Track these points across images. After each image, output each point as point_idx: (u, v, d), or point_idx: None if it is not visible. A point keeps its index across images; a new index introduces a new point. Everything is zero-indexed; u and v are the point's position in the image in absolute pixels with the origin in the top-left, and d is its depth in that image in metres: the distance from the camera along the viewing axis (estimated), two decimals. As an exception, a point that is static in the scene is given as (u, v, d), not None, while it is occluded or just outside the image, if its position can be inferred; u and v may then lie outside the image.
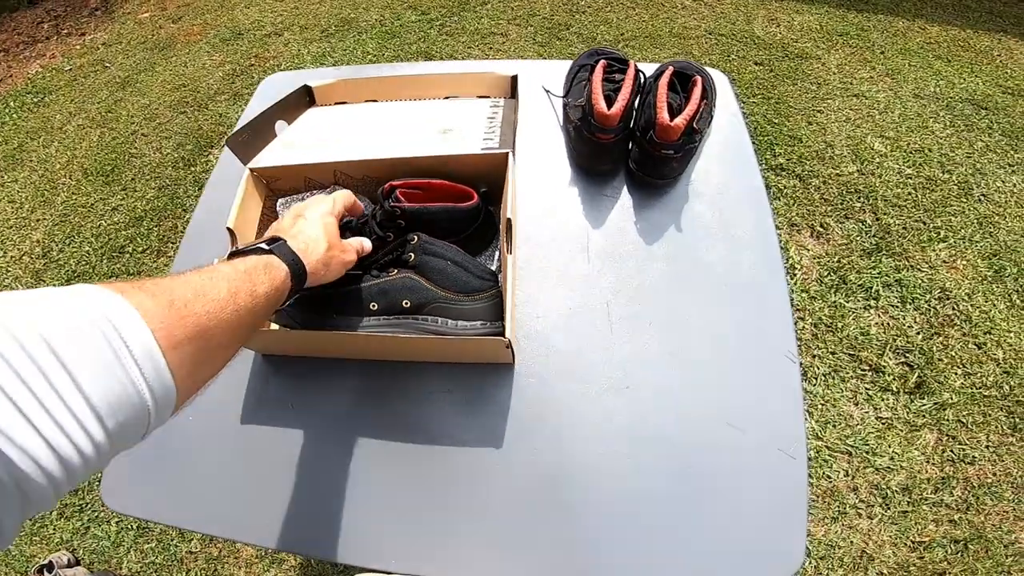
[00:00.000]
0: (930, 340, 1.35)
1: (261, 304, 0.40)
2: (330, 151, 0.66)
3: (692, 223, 0.74)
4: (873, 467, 1.19)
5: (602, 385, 0.62)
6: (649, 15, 2.34)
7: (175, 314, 0.31)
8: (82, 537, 1.32)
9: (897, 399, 1.27)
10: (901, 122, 1.84)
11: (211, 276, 0.37)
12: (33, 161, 2.21)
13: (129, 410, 0.27)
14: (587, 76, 0.75)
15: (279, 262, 0.44)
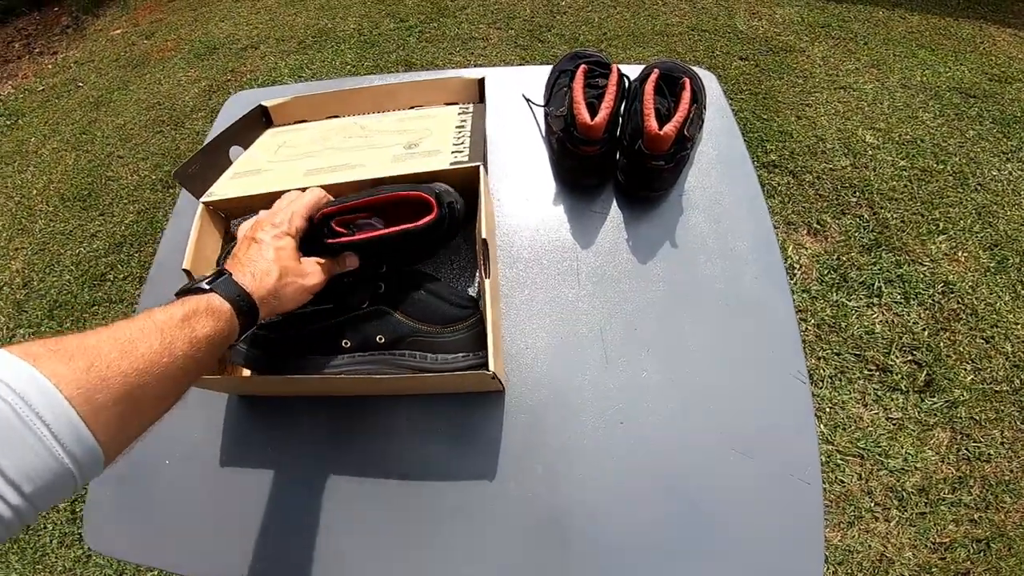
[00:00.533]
0: (936, 336, 1.32)
1: (204, 349, 0.38)
2: (289, 177, 0.61)
3: (688, 237, 0.69)
4: (887, 469, 1.17)
5: (598, 417, 0.58)
6: (631, 13, 2.30)
7: (95, 377, 0.31)
8: (84, 566, 1.29)
9: (907, 399, 1.24)
10: (891, 113, 1.81)
11: (142, 328, 0.35)
12: (8, 187, 2.15)
13: (49, 476, 0.28)
14: (568, 83, 0.71)
15: (220, 301, 0.41)
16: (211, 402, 0.64)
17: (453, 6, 2.49)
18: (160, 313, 0.37)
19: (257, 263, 0.46)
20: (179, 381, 0.37)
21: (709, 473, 0.54)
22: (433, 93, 0.72)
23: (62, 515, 1.35)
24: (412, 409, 0.61)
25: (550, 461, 0.56)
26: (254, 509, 0.58)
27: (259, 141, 0.71)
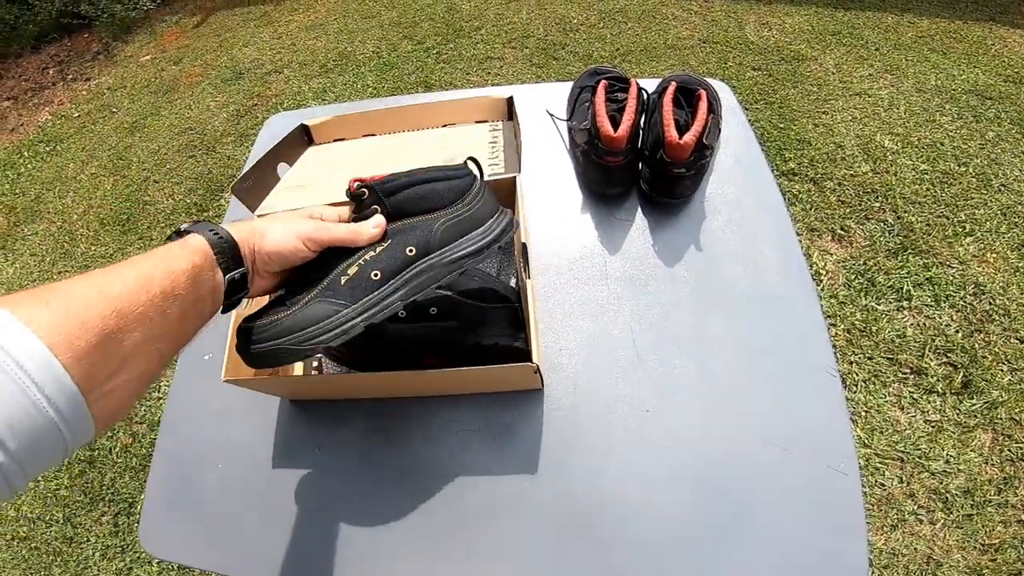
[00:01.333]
0: (971, 338, 1.30)
1: (183, 286, 0.36)
2: (334, 190, 0.65)
3: (711, 240, 0.72)
4: (928, 472, 1.15)
5: (633, 414, 0.60)
6: (642, 28, 2.35)
7: (74, 319, 0.29)
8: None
9: (944, 400, 1.22)
10: (908, 118, 1.81)
11: (118, 269, 0.34)
12: (51, 212, 2.25)
13: (33, 430, 0.26)
14: (589, 97, 0.74)
15: (195, 236, 0.39)
16: (263, 406, 0.68)
17: (468, 27, 2.56)
18: (136, 256, 0.36)
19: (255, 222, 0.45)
20: (163, 322, 0.34)
21: (744, 468, 0.55)
22: (464, 112, 0.76)
23: (104, 528, 1.39)
24: (452, 409, 0.63)
25: (587, 458, 0.58)
26: (302, 510, 0.61)
27: (303, 158, 0.76)
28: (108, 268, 0.33)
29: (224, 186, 2.12)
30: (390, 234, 0.47)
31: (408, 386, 0.62)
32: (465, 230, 0.49)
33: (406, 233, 0.47)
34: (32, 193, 2.36)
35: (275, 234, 0.43)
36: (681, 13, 2.40)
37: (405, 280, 0.47)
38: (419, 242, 0.47)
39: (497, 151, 0.66)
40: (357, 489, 0.61)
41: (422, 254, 0.47)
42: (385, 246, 0.47)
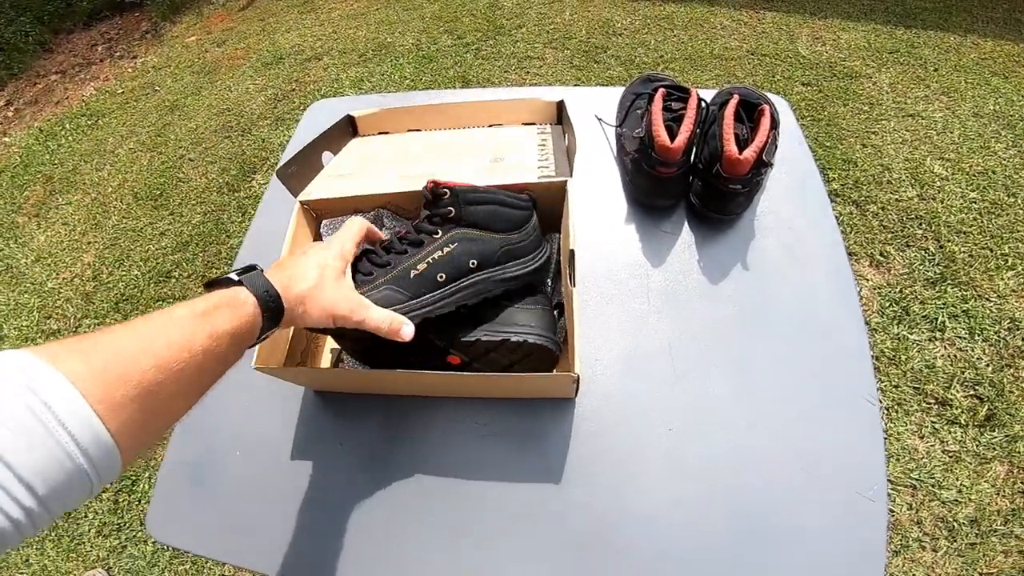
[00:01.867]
0: (1000, 372, 1.27)
1: (225, 344, 0.37)
2: (380, 182, 0.64)
3: (759, 260, 0.70)
4: (939, 500, 1.14)
5: (665, 429, 0.59)
6: (688, 36, 2.30)
7: (112, 375, 0.30)
8: (118, 556, 1.32)
9: (965, 432, 1.21)
10: (961, 143, 1.75)
11: (161, 323, 0.34)
12: (86, 184, 2.29)
13: (63, 477, 0.27)
14: (644, 105, 0.72)
15: (247, 295, 0.40)
16: (287, 396, 0.67)
17: (509, 25, 2.54)
18: (181, 308, 0.36)
19: (297, 267, 0.45)
20: (200, 377, 0.35)
21: (773, 489, 0.54)
22: (511, 113, 0.74)
23: (104, 504, 1.40)
24: (480, 412, 0.62)
25: (614, 472, 0.57)
26: (319, 505, 0.60)
27: (347, 148, 0.75)
28: (153, 319, 0.35)
29: (256, 168, 2.14)
30: (456, 239, 0.53)
31: (440, 386, 0.61)
32: (517, 255, 0.55)
33: (472, 243, 0.53)
34: (70, 164, 2.40)
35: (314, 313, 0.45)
36: (730, 23, 2.35)
37: (463, 287, 0.53)
38: (482, 256, 0.53)
39: (547, 153, 0.64)
40: (377, 487, 0.60)
41: (482, 267, 0.53)
42: (451, 249, 0.52)
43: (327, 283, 0.46)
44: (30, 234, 2.14)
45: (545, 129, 0.72)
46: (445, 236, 0.53)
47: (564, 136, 0.67)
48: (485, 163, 0.64)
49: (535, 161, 0.63)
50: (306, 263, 0.46)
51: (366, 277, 0.52)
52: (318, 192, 0.65)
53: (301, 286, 0.44)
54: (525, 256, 0.56)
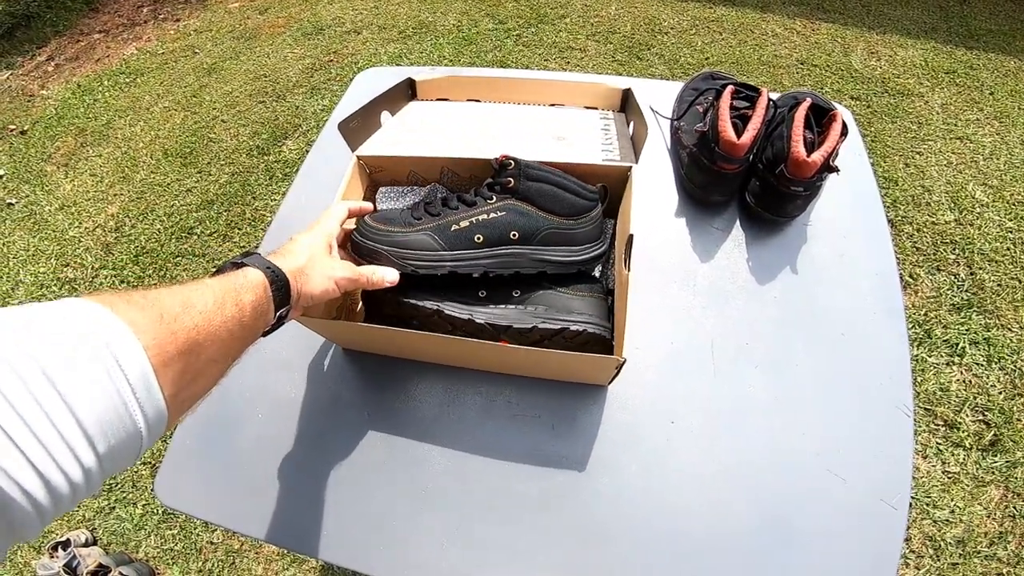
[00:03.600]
0: (1012, 400, 1.27)
1: (248, 314, 0.38)
2: (438, 146, 0.64)
3: (809, 265, 0.69)
4: (931, 519, 1.16)
5: (700, 424, 0.58)
6: (737, 40, 2.26)
7: (165, 328, 0.30)
8: (105, 517, 1.32)
9: (968, 455, 1.22)
10: (1007, 170, 1.71)
11: (197, 288, 0.35)
12: (118, 138, 2.30)
13: (122, 435, 0.27)
14: (708, 102, 0.70)
15: (255, 272, 0.42)
16: (315, 360, 0.66)
17: (553, 14, 2.51)
18: (208, 278, 0.38)
19: (288, 248, 0.48)
20: (231, 343, 0.36)
21: (800, 490, 0.54)
22: (575, 95, 0.73)
23: None
24: (514, 392, 0.61)
25: (643, 462, 0.57)
26: (340, 477, 0.58)
27: (406, 109, 0.74)
28: (187, 285, 0.35)
29: (288, 133, 2.14)
30: (506, 208, 0.53)
31: (480, 359, 0.60)
32: (565, 241, 0.56)
33: (519, 216, 0.53)
34: (104, 118, 2.41)
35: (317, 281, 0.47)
36: (782, 31, 2.31)
37: (496, 254, 0.54)
38: (524, 231, 0.54)
39: (611, 138, 0.63)
40: (400, 461, 0.59)
41: (522, 241, 0.54)
42: (499, 215, 0.53)
43: (319, 256, 0.48)
44: (57, 182, 2.15)
45: (608, 115, 0.70)
46: (497, 203, 0.53)
47: (628, 123, 0.66)
48: (548, 140, 0.63)
49: (599, 144, 0.62)
50: (296, 245, 0.48)
51: (415, 220, 0.54)
52: (375, 149, 0.64)
53: (297, 261, 0.46)
54: (576, 244, 0.56)
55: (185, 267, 1.77)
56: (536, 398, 0.61)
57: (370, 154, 0.63)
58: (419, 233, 0.53)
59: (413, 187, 0.66)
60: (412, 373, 0.64)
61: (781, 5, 2.47)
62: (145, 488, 1.35)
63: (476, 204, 0.54)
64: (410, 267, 0.52)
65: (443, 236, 0.53)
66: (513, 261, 0.54)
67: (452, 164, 0.63)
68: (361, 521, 0.56)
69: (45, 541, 1.26)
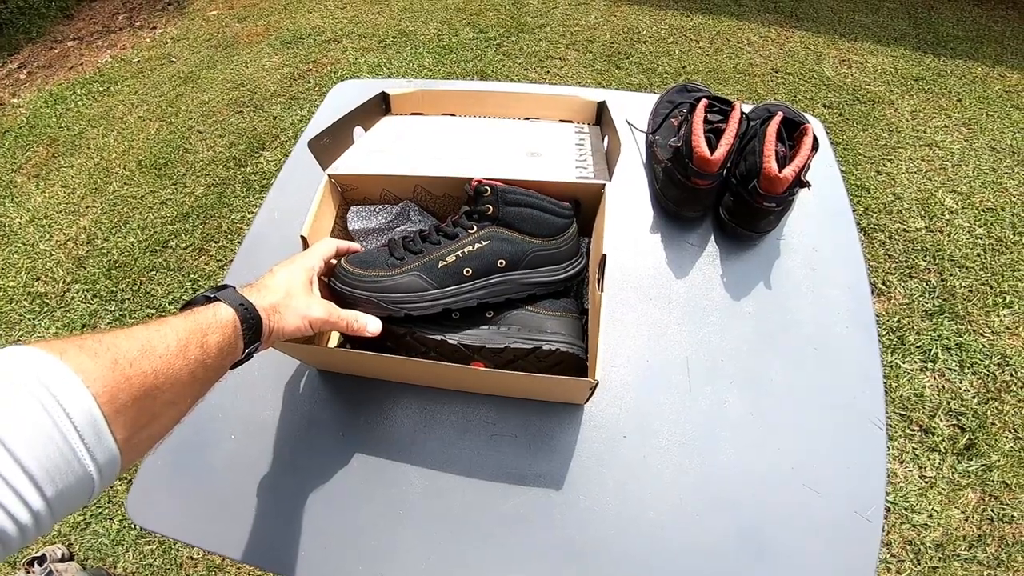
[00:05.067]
0: (985, 405, 1.31)
1: (213, 355, 0.38)
2: (411, 164, 0.63)
3: (782, 280, 0.69)
4: (910, 523, 1.18)
5: (675, 439, 0.59)
6: (714, 49, 2.30)
7: (119, 374, 0.30)
8: (81, 532, 1.29)
9: (944, 459, 1.24)
10: (975, 176, 1.76)
11: (159, 329, 0.35)
12: (91, 148, 2.25)
13: (71, 478, 0.27)
14: (683, 115, 0.71)
15: (226, 309, 0.41)
16: (290, 381, 0.65)
17: (533, 23, 2.53)
18: (174, 318, 0.37)
19: (265, 283, 0.47)
20: (192, 386, 0.36)
21: (776, 506, 0.55)
22: (549, 108, 0.73)
23: None
24: (491, 411, 0.61)
25: (620, 478, 0.57)
26: (316, 498, 0.58)
27: (379, 125, 0.73)
28: (149, 326, 0.35)
29: (265, 144, 2.11)
30: (490, 236, 0.54)
31: (456, 380, 0.60)
32: (548, 262, 0.56)
33: (504, 244, 0.54)
34: (76, 128, 2.36)
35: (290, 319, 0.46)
36: (758, 39, 2.35)
37: (487, 284, 0.54)
38: (511, 258, 0.54)
39: (585, 154, 0.63)
40: (376, 481, 0.58)
41: (510, 268, 0.54)
42: (484, 245, 0.53)
43: (297, 293, 0.47)
44: (27, 194, 2.09)
45: (583, 129, 0.70)
46: (480, 232, 0.53)
47: (603, 138, 0.66)
48: (521, 156, 0.63)
49: (573, 160, 0.62)
50: (274, 279, 0.48)
51: (398, 261, 0.53)
52: (347, 167, 0.63)
53: (272, 298, 0.45)
54: (559, 263, 0.57)
55: (159, 281, 1.73)
56: (513, 417, 0.61)
57: (342, 172, 0.62)
58: (407, 275, 0.52)
59: (384, 205, 0.65)
60: (388, 393, 0.63)
61: (756, 13, 2.51)
62: (121, 503, 1.32)
63: (458, 236, 0.54)
64: (403, 311, 0.52)
65: (431, 274, 0.52)
66: (504, 288, 0.55)
67: (425, 183, 0.62)
68: (337, 540, 0.55)
69: (20, 557, 1.22)
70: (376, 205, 0.65)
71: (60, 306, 1.70)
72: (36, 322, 1.66)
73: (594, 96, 0.70)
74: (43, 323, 1.66)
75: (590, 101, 0.70)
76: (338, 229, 0.64)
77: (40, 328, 1.64)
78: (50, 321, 1.66)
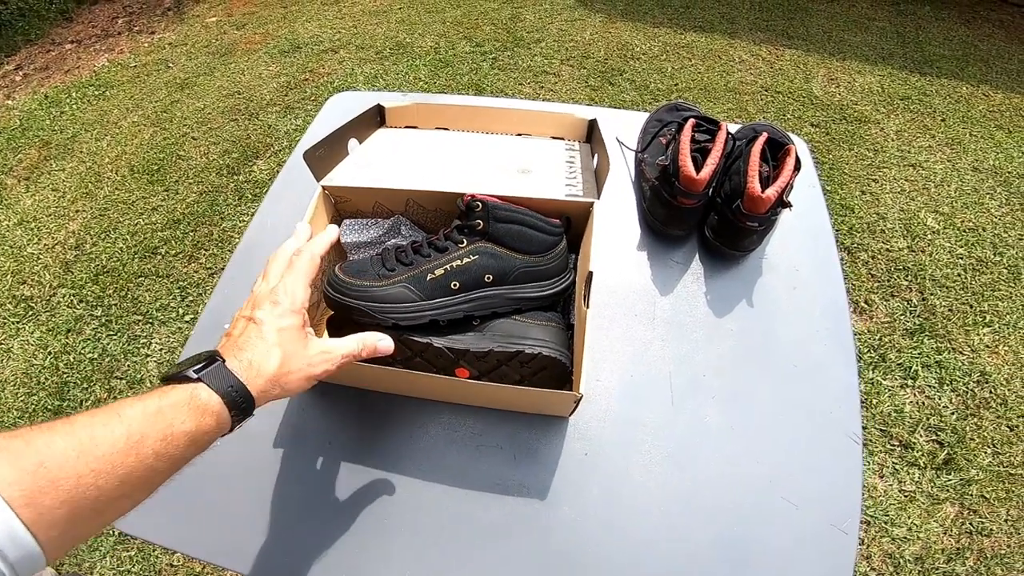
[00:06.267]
0: (964, 421, 1.34)
1: (181, 446, 0.35)
2: (404, 177, 0.64)
3: (764, 298, 0.71)
4: (890, 537, 1.19)
5: (658, 452, 0.60)
6: (705, 67, 2.34)
7: (43, 479, 0.29)
8: None
9: (923, 474, 1.27)
10: (957, 197, 1.80)
11: (107, 422, 0.32)
12: (83, 152, 2.25)
13: None
14: (671, 134, 0.73)
15: (208, 393, 0.37)
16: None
17: (529, 38, 2.56)
18: (131, 406, 0.34)
19: (256, 347, 0.41)
20: (150, 478, 0.33)
21: (755, 518, 0.56)
22: (541, 125, 0.75)
23: None
24: (476, 423, 0.62)
25: (603, 490, 0.58)
26: (301, 505, 0.58)
27: (373, 137, 0.75)
28: (97, 417, 0.32)
29: (259, 153, 2.11)
30: (478, 251, 0.55)
31: (442, 391, 0.61)
32: (536, 278, 0.58)
33: (492, 259, 0.56)
34: (70, 132, 2.36)
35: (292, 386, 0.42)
36: (748, 57, 2.40)
37: (473, 298, 0.55)
38: (498, 273, 0.56)
39: (575, 172, 0.65)
40: (362, 490, 0.59)
41: (496, 283, 0.56)
42: (472, 260, 0.55)
43: (294, 351, 0.42)
44: (16, 197, 2.08)
45: (573, 146, 0.72)
46: (468, 247, 0.54)
47: (593, 156, 0.68)
48: (512, 173, 0.65)
49: (563, 178, 0.63)
50: (262, 338, 0.41)
51: (388, 272, 0.54)
52: (341, 179, 0.64)
53: (268, 368, 0.40)
54: (545, 279, 0.58)
55: (148, 287, 1.72)
56: (498, 428, 0.61)
57: (336, 184, 0.63)
58: (396, 286, 0.53)
59: (377, 219, 0.66)
60: (376, 403, 0.64)
61: (748, 31, 2.57)
62: None
63: (448, 249, 0.55)
64: (391, 321, 0.53)
65: (420, 286, 0.54)
66: (490, 303, 0.56)
67: (418, 196, 0.63)
68: (322, 549, 0.55)
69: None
70: (368, 219, 0.66)
71: (46, 310, 1.69)
72: (20, 325, 1.65)
73: (585, 114, 0.72)
74: (28, 327, 1.64)
75: (581, 119, 0.72)
76: (330, 242, 0.65)
77: (24, 332, 1.63)
78: (35, 325, 1.64)
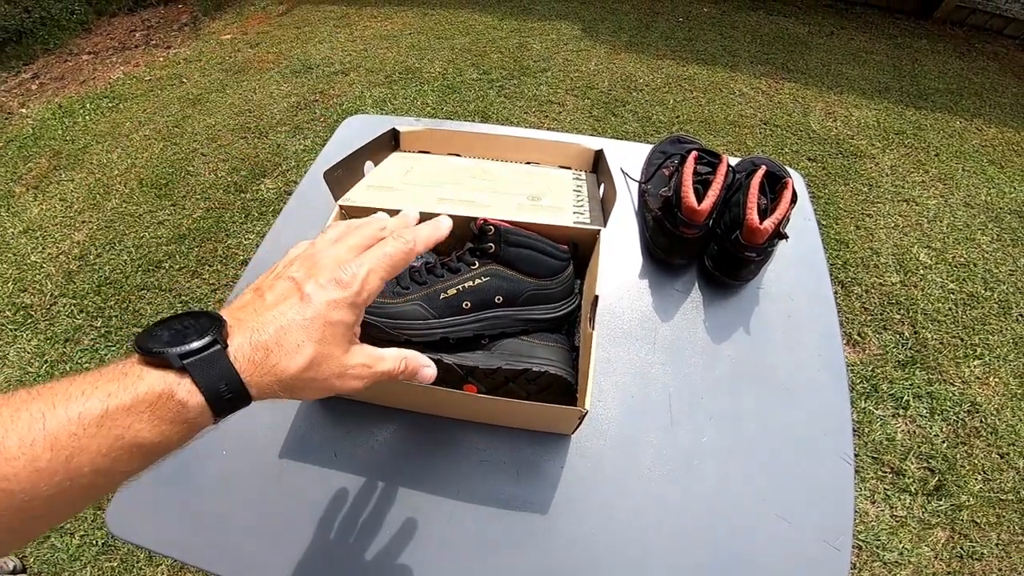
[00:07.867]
0: (955, 449, 1.37)
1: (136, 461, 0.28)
2: (418, 201, 0.67)
3: (760, 326, 0.74)
4: (881, 561, 1.21)
5: (656, 470, 0.62)
6: (706, 99, 2.40)
7: None
8: (37, 546, 1.26)
9: (915, 499, 1.29)
10: (949, 232, 1.84)
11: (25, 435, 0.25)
12: (94, 163, 2.28)
13: None
14: (674, 165, 0.76)
15: (189, 390, 0.28)
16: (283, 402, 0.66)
17: (535, 67, 2.64)
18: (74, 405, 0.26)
19: (286, 334, 0.31)
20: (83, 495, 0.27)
21: (750, 535, 0.58)
22: (550, 154, 0.78)
23: None
24: (480, 439, 0.63)
25: (604, 506, 0.59)
26: (304, 517, 0.58)
27: (388, 160, 0.77)
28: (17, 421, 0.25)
29: (267, 171, 2.15)
30: (490, 273, 0.58)
31: (451, 406, 0.62)
32: (543, 300, 0.61)
33: (502, 281, 0.58)
34: (81, 142, 2.39)
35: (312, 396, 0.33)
36: (748, 90, 2.47)
37: (483, 318, 0.58)
38: (508, 295, 0.59)
39: (583, 200, 0.68)
40: (365, 503, 0.60)
41: (506, 304, 0.59)
42: (484, 281, 0.58)
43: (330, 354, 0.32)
44: (24, 205, 2.11)
45: (580, 176, 0.75)
46: (480, 268, 0.57)
47: (599, 185, 0.71)
48: (523, 199, 0.67)
49: (571, 205, 0.66)
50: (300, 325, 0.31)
51: (403, 290, 0.57)
52: (358, 199, 0.66)
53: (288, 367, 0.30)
54: (553, 302, 0.61)
55: (149, 300, 1.73)
56: (501, 445, 0.63)
57: (352, 204, 0.65)
58: (410, 304, 0.56)
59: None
60: (380, 417, 0.65)
61: (749, 64, 2.65)
62: (84, 518, 1.29)
63: (460, 271, 0.58)
64: (404, 336, 0.55)
65: (433, 305, 0.56)
66: (499, 323, 0.59)
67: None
68: (322, 562, 0.56)
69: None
70: None
71: (45, 319, 1.70)
72: (18, 333, 1.66)
73: (592, 144, 0.75)
74: (26, 335, 1.65)
75: (588, 149, 0.75)
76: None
77: (22, 339, 1.64)
78: (33, 333, 1.65)
